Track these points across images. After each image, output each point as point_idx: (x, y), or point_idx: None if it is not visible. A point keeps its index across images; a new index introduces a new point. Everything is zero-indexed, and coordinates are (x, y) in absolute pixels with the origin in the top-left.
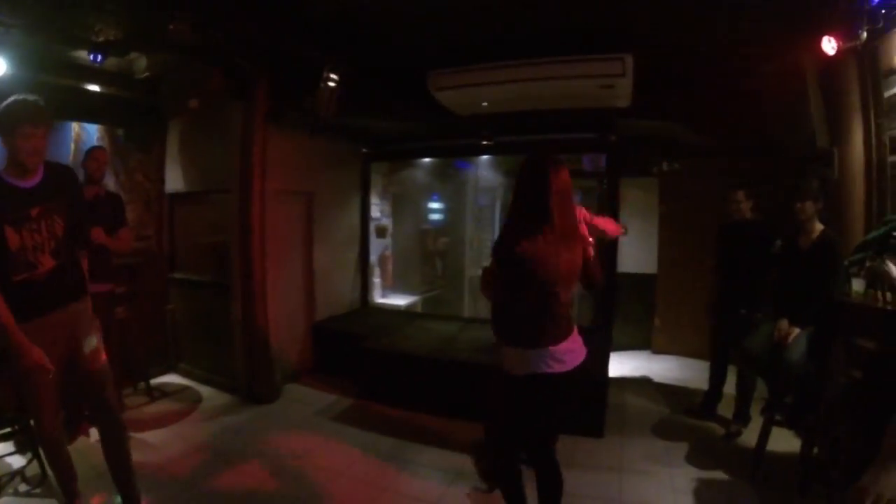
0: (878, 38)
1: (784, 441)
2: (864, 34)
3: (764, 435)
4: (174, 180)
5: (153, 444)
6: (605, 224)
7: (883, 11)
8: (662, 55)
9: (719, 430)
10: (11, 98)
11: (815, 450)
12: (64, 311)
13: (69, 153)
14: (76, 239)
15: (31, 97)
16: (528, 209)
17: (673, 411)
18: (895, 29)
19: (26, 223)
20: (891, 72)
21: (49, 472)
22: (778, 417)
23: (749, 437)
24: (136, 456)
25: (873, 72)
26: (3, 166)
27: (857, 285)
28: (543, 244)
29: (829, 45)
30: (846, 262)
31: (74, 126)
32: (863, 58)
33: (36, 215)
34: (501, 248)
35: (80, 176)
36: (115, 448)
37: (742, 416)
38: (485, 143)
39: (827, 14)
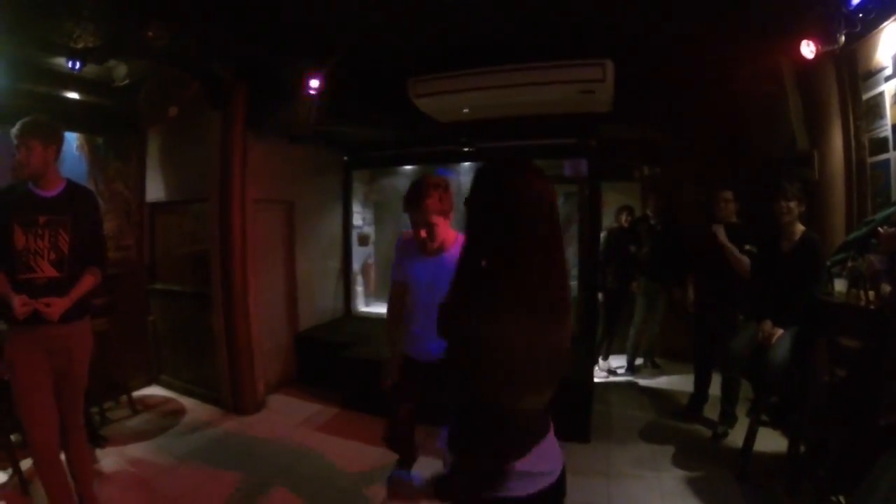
0: (856, 41)
1: (771, 441)
2: (843, 38)
3: (750, 435)
4: (154, 189)
5: (136, 458)
6: None
7: (860, 15)
8: (642, 60)
9: (706, 432)
10: None
11: (802, 449)
12: (60, 326)
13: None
14: (86, 258)
15: (39, 117)
16: None
17: (659, 415)
18: (873, 32)
19: (33, 227)
20: (868, 74)
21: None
22: (764, 418)
23: (736, 438)
24: (119, 469)
25: (851, 74)
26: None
27: (840, 285)
28: None
29: (807, 49)
30: (828, 263)
31: None
32: (841, 61)
33: (43, 223)
34: None
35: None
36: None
37: (728, 418)
38: (465, 149)
39: (805, 18)
